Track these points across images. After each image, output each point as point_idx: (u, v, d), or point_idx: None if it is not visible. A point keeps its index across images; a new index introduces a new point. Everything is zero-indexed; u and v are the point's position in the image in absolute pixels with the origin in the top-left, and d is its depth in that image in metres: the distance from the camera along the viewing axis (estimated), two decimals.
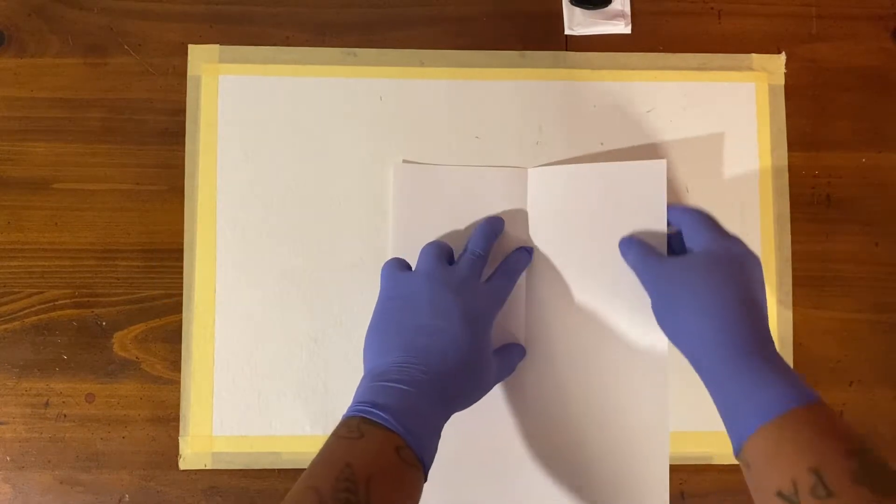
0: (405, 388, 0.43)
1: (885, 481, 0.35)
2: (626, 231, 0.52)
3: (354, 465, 0.38)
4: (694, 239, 0.49)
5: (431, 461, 0.43)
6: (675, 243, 0.52)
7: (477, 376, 0.47)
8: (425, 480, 0.42)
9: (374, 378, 0.44)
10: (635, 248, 0.51)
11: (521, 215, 0.55)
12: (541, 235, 0.54)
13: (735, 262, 0.46)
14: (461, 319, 0.46)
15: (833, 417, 0.39)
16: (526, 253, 0.53)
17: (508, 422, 0.53)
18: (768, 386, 0.40)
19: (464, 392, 0.46)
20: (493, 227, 0.53)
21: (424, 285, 0.48)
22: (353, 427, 0.41)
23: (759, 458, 0.39)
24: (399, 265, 0.51)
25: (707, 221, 0.49)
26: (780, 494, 0.37)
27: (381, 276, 0.51)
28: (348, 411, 0.43)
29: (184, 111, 0.56)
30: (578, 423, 0.53)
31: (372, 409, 0.41)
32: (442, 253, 0.51)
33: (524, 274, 0.54)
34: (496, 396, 0.53)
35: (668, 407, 0.53)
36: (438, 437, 0.44)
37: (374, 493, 0.38)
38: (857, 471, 0.35)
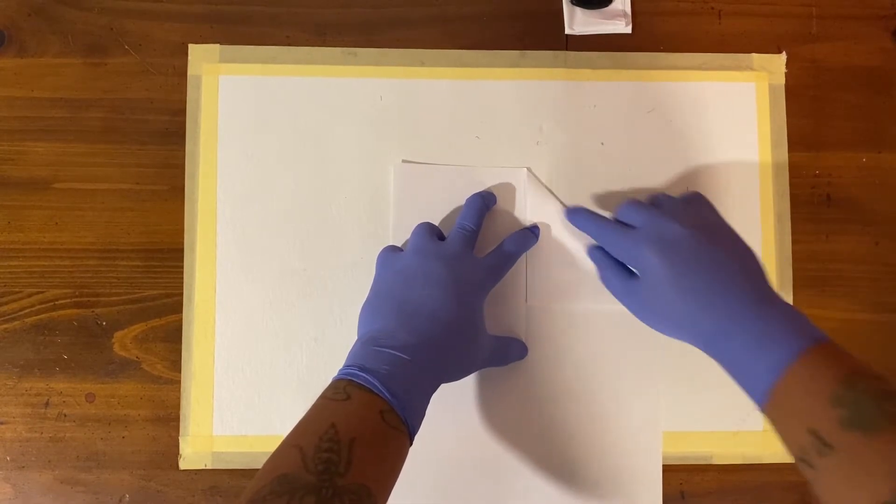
0: (394, 352, 0.43)
1: (873, 418, 0.35)
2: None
3: (339, 425, 0.39)
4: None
5: (418, 426, 0.43)
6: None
7: (467, 345, 0.47)
8: (411, 444, 0.43)
9: (365, 342, 0.45)
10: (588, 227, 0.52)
11: (521, 214, 0.55)
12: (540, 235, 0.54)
13: (678, 232, 0.46)
14: (450, 288, 0.47)
15: (826, 359, 0.39)
16: (530, 234, 0.54)
17: (503, 420, 0.53)
18: (753, 358, 0.41)
19: (453, 359, 0.47)
20: (483, 201, 0.53)
21: (414, 259, 0.49)
22: (340, 389, 0.42)
23: (774, 425, 0.40)
24: (392, 249, 0.52)
25: (637, 204, 0.50)
26: (800, 460, 0.38)
27: (376, 261, 0.52)
28: (338, 374, 0.44)
29: (184, 111, 0.56)
30: (573, 421, 0.53)
31: (359, 373, 0.42)
32: (433, 230, 0.52)
33: (525, 273, 0.54)
34: (491, 394, 0.53)
35: (661, 406, 0.54)
36: (426, 402, 0.45)
37: (355, 453, 0.38)
38: (845, 417, 0.36)
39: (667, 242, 0.46)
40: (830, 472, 0.36)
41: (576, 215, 0.53)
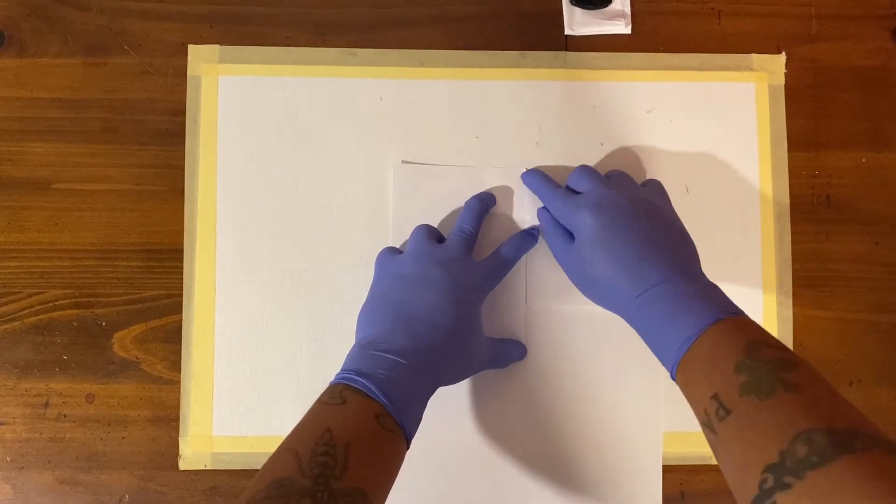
0: (390, 356, 0.44)
1: (769, 384, 0.36)
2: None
3: (334, 430, 0.39)
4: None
5: (414, 429, 0.44)
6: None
7: (464, 349, 0.47)
8: (408, 448, 0.43)
9: (362, 347, 0.45)
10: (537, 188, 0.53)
11: (520, 215, 0.55)
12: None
13: (620, 201, 0.47)
14: (449, 292, 0.47)
15: (733, 330, 0.40)
16: (529, 236, 0.53)
17: (502, 421, 0.53)
18: (668, 328, 0.42)
19: (450, 363, 0.47)
20: (482, 204, 0.53)
21: (413, 262, 0.49)
22: (336, 394, 0.42)
23: (684, 393, 0.42)
24: (391, 251, 0.52)
25: (588, 172, 0.51)
26: (704, 425, 0.39)
27: (375, 263, 0.52)
28: (334, 378, 0.44)
29: (184, 111, 0.55)
30: (572, 422, 0.53)
31: (355, 377, 0.42)
32: (431, 232, 0.52)
33: (525, 274, 0.54)
34: (490, 396, 0.53)
35: (661, 406, 0.54)
36: (423, 406, 0.45)
37: (351, 457, 0.39)
38: (744, 383, 0.37)
39: (603, 208, 0.47)
40: (728, 435, 0.37)
41: (530, 177, 0.54)
